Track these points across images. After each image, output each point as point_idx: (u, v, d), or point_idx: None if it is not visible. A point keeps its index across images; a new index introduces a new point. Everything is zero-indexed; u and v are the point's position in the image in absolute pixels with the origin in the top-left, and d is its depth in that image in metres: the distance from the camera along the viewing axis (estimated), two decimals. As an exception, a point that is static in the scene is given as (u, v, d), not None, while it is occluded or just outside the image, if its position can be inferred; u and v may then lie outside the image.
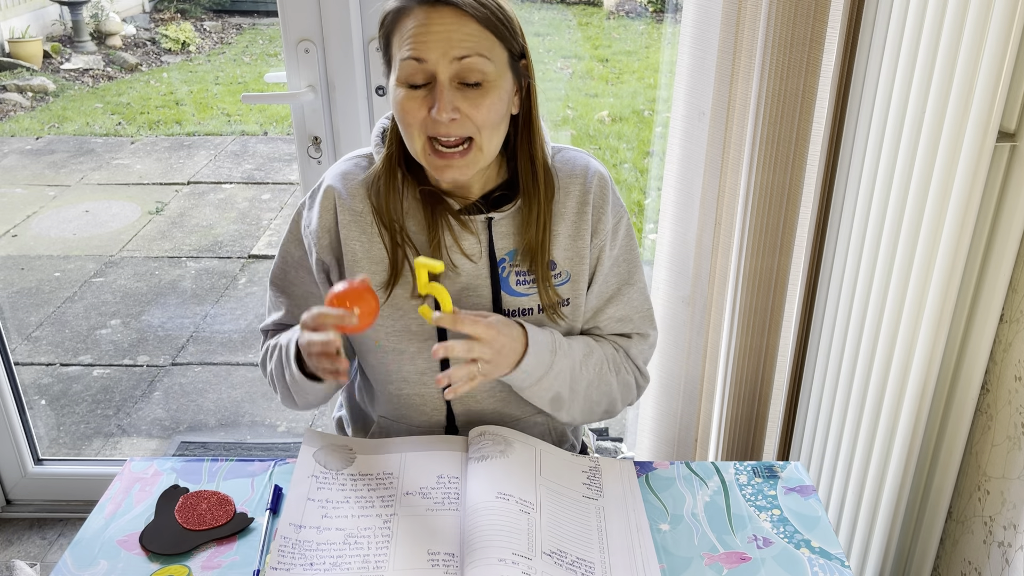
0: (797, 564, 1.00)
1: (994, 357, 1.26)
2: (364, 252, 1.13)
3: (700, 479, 1.13)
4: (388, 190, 1.11)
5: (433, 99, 1.00)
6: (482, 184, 1.13)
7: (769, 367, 1.71)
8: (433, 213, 1.10)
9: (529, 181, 1.11)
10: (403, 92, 1.02)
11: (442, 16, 0.99)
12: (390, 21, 1.03)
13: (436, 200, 1.11)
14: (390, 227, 1.11)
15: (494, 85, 1.02)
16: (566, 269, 1.15)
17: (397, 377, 1.16)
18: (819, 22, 1.41)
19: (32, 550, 2.05)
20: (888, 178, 1.29)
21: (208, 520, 1.04)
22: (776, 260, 1.60)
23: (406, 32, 1.01)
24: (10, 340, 3.09)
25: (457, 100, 1.00)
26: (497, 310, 1.13)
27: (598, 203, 1.15)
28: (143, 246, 4.07)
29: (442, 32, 0.99)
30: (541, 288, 1.13)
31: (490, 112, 1.02)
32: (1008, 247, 1.19)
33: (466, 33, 0.99)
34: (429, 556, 0.95)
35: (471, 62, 1.00)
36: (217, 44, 6.81)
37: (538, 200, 1.11)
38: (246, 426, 2.73)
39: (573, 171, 1.15)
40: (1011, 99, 1.15)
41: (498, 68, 1.02)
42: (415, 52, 0.99)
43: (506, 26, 1.03)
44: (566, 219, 1.14)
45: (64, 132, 5.36)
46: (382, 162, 1.11)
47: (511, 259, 1.13)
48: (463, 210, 1.12)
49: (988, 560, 1.28)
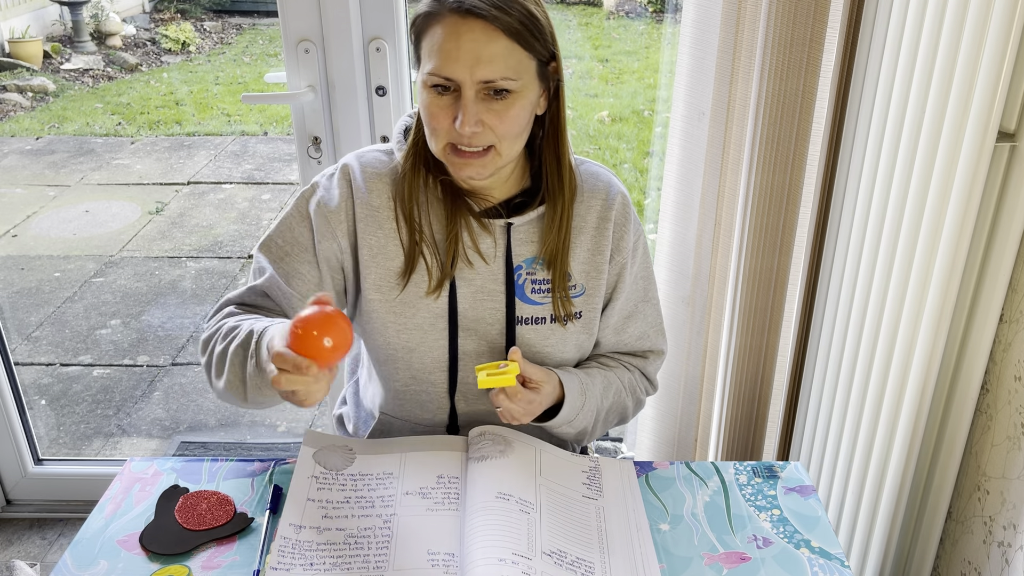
0: (797, 564, 1.00)
1: (994, 357, 1.26)
2: (380, 247, 1.12)
3: (700, 479, 1.13)
4: (412, 185, 1.10)
5: (458, 108, 1.00)
6: (505, 188, 1.13)
7: (769, 367, 1.71)
8: (454, 210, 1.11)
9: (555, 181, 1.11)
10: (430, 96, 1.02)
11: (471, 30, 0.98)
12: (421, 22, 1.03)
13: (457, 198, 1.11)
14: (410, 221, 1.11)
15: (519, 96, 1.02)
16: (581, 282, 1.15)
17: (405, 374, 1.17)
18: (819, 22, 1.41)
19: (32, 550, 2.05)
20: (888, 178, 1.29)
21: (208, 520, 1.04)
22: (776, 260, 1.60)
23: (435, 41, 1.00)
24: (10, 340, 3.09)
25: (481, 112, 1.00)
26: (510, 316, 1.13)
27: (620, 220, 1.16)
28: (143, 246, 4.07)
29: (471, 50, 0.98)
30: (556, 297, 1.13)
31: (513, 123, 1.02)
32: (1008, 247, 1.19)
33: (494, 53, 0.98)
34: (429, 556, 0.95)
35: (495, 84, 0.99)
36: (217, 44, 6.81)
37: (563, 201, 1.11)
38: (246, 426, 2.73)
39: (596, 185, 1.16)
40: (1011, 99, 1.15)
41: (524, 80, 1.02)
42: (442, 70, 0.99)
43: (536, 35, 1.01)
44: (586, 232, 1.14)
45: (64, 132, 5.36)
46: (407, 157, 1.11)
47: (527, 266, 1.13)
48: (484, 212, 1.12)
49: (988, 560, 1.28)
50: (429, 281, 1.12)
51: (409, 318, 1.13)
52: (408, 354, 1.14)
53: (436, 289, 1.12)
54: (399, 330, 1.13)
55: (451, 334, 1.13)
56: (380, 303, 1.13)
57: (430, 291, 1.12)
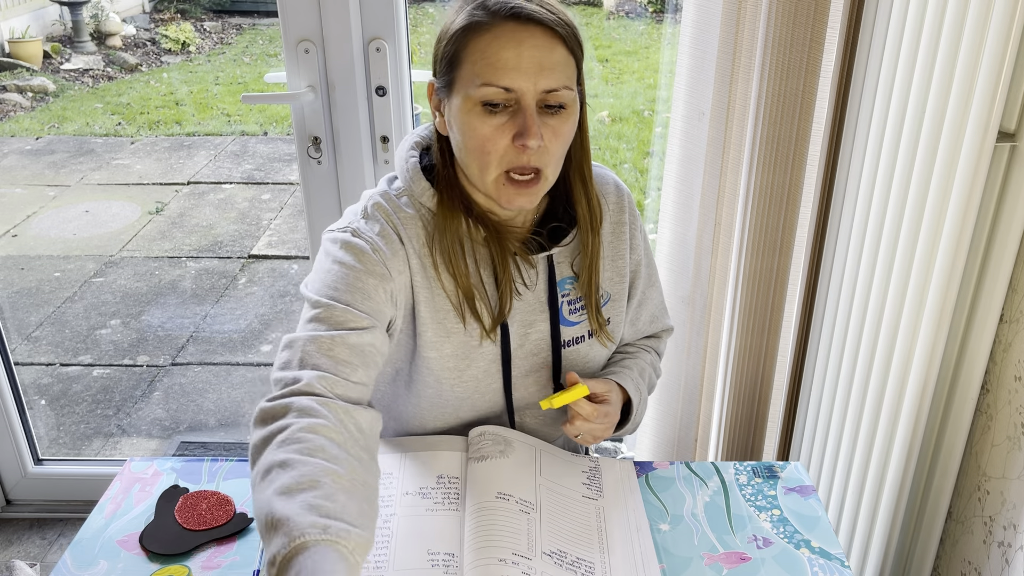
0: (797, 564, 1.00)
1: (994, 357, 1.26)
2: (431, 300, 1.04)
3: (700, 479, 1.13)
4: (456, 229, 1.02)
5: (517, 125, 0.92)
6: (530, 212, 1.07)
7: (769, 367, 1.71)
8: (501, 249, 1.03)
9: (584, 208, 1.06)
10: (480, 118, 0.93)
11: (533, 37, 0.91)
12: (460, 36, 0.93)
13: (499, 235, 1.04)
14: (456, 268, 1.02)
15: (571, 112, 0.96)
16: (607, 291, 1.14)
17: (452, 417, 1.13)
18: (819, 22, 1.41)
19: (32, 550, 2.05)
20: (888, 178, 1.29)
21: (208, 520, 1.04)
22: (776, 260, 1.61)
23: (489, 52, 0.91)
24: (10, 340, 3.09)
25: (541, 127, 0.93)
26: (556, 344, 1.10)
27: (631, 221, 1.15)
28: (143, 246, 4.07)
29: (534, 57, 0.90)
30: (591, 314, 1.11)
31: (565, 142, 0.97)
32: (1008, 247, 1.19)
33: (555, 61, 0.92)
34: (429, 556, 0.95)
35: (559, 94, 0.93)
36: (217, 44, 6.81)
37: (593, 224, 1.07)
38: (246, 426, 2.73)
39: (606, 190, 1.13)
40: (1011, 99, 1.15)
41: (575, 94, 0.96)
42: (504, 81, 0.91)
43: (581, 46, 0.96)
44: (604, 241, 1.12)
45: (64, 132, 5.36)
46: (443, 199, 1.02)
47: (561, 288, 1.10)
48: (525, 245, 1.07)
49: (988, 560, 1.28)
50: (481, 327, 1.05)
51: (463, 370, 1.07)
52: (459, 403, 1.10)
53: (491, 334, 1.05)
54: (454, 384, 1.08)
55: (504, 375, 1.10)
56: (436, 360, 1.06)
57: (484, 337, 1.06)
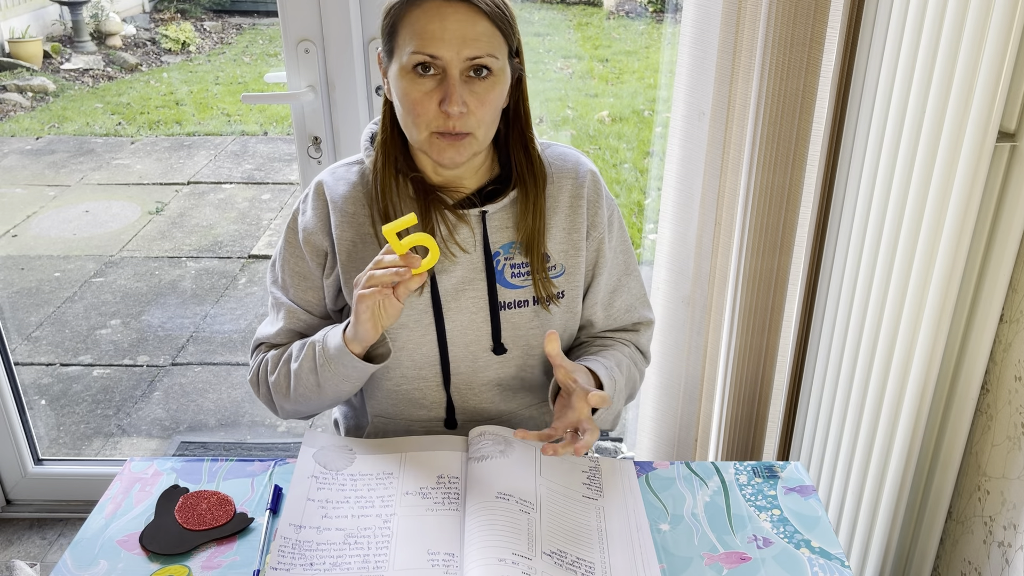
0: (797, 564, 1.00)
1: (994, 357, 1.26)
2: (357, 251, 1.14)
3: (700, 479, 1.13)
4: (385, 185, 1.12)
5: (443, 91, 1.02)
6: (475, 179, 1.15)
7: (769, 367, 1.71)
8: (428, 206, 1.12)
9: (524, 170, 1.14)
10: (410, 82, 1.03)
11: (456, 12, 1.00)
12: (397, 9, 1.04)
13: (430, 193, 1.13)
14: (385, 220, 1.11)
15: (498, 79, 1.05)
16: (561, 262, 1.17)
17: (396, 373, 1.17)
18: (819, 22, 1.41)
19: (32, 550, 2.05)
20: (888, 178, 1.29)
21: (208, 520, 1.04)
22: (776, 260, 1.61)
23: (418, 25, 1.01)
24: (10, 340, 3.09)
25: (464, 94, 1.02)
26: (493, 303, 1.15)
27: (592, 197, 1.18)
28: (143, 246, 4.07)
29: (456, 30, 1.00)
30: (536, 280, 1.14)
31: (492, 107, 1.05)
32: (1008, 247, 1.19)
33: (479, 32, 1.01)
34: (429, 556, 0.95)
35: (481, 60, 1.02)
36: (217, 44, 6.81)
37: (533, 184, 1.13)
38: (246, 426, 2.73)
39: (565, 165, 1.18)
40: (1011, 99, 1.15)
41: (502, 63, 1.05)
42: (429, 49, 1.00)
43: (509, 23, 1.05)
44: (559, 212, 1.16)
45: (64, 132, 5.36)
46: (376, 156, 1.13)
47: (506, 252, 1.15)
48: (457, 204, 1.14)
49: (988, 560, 1.28)
50: None
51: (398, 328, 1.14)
52: (398, 353, 1.15)
53: None
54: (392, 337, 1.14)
55: (438, 328, 1.14)
56: None
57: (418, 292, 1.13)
